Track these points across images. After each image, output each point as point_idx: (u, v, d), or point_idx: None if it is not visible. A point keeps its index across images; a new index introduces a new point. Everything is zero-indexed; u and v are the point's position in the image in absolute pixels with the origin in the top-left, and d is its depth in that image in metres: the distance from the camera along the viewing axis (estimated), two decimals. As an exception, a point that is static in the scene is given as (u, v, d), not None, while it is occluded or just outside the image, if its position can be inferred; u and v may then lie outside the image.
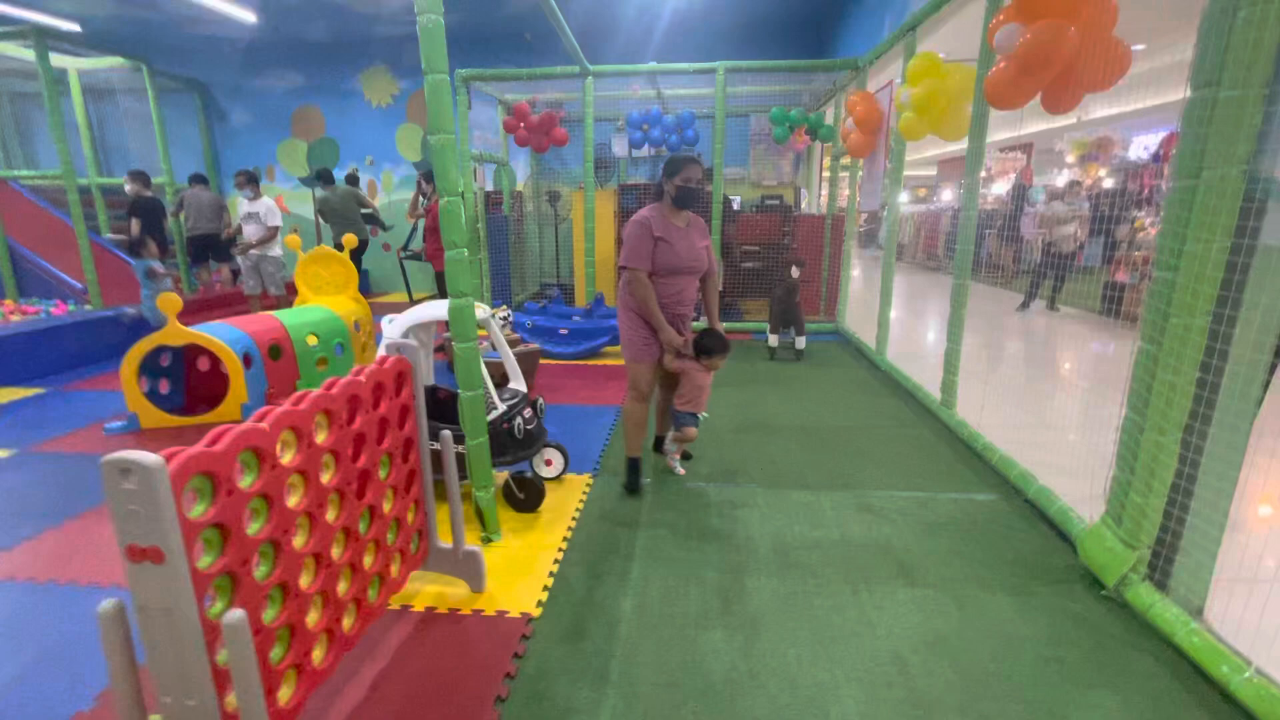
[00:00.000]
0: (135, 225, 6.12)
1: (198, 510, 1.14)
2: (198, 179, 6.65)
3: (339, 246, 6.07)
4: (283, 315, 4.17)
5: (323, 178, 6.58)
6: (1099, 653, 1.79)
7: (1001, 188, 12.36)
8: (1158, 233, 1.88)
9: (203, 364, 4.00)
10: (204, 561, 1.15)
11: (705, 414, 2.86)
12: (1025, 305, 7.18)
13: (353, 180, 7.31)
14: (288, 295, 6.07)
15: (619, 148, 7.52)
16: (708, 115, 7.04)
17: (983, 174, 10.20)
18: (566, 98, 7.40)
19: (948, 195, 13.36)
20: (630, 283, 2.57)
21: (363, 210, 6.76)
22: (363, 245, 6.52)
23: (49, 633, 1.90)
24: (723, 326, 2.82)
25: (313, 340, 4.17)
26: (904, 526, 2.47)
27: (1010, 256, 8.85)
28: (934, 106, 3.50)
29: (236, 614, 1.10)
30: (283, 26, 7.98)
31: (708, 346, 2.67)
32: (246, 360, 3.69)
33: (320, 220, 6.38)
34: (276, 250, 6.10)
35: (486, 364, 2.98)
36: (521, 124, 6.07)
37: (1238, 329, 1.69)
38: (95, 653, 1.79)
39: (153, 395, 3.74)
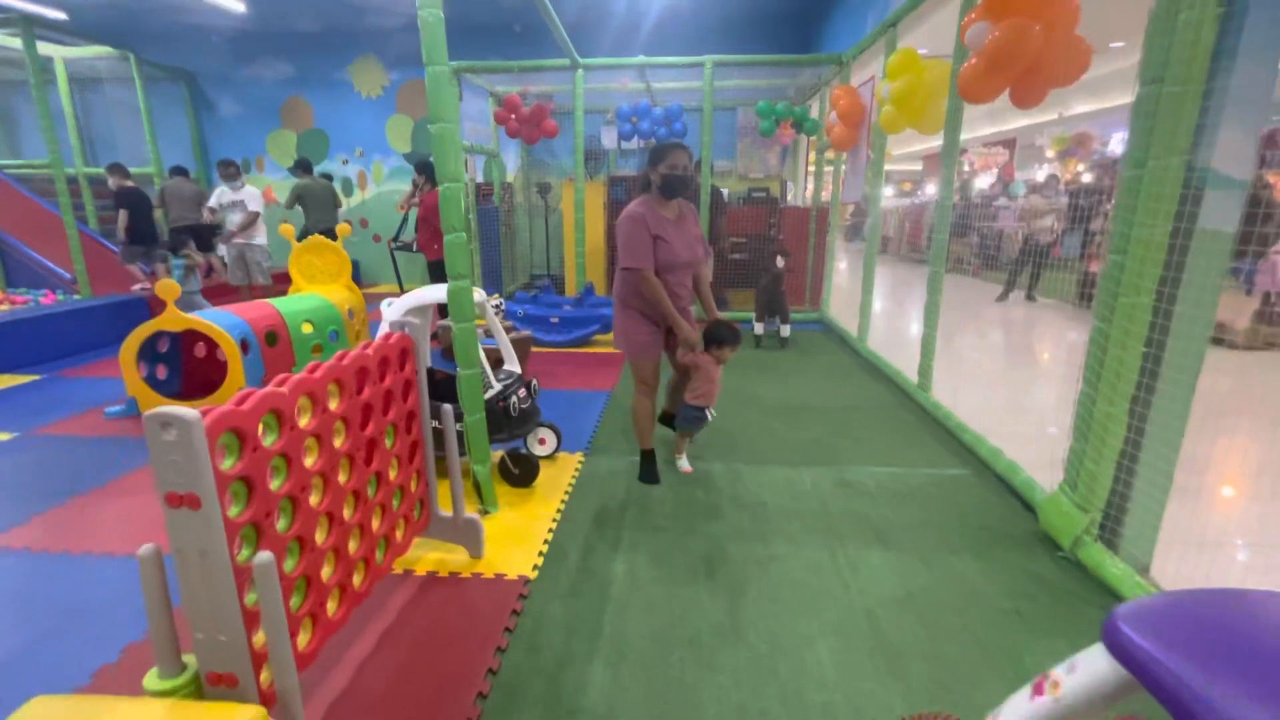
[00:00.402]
0: (123, 216, 6.14)
1: (228, 463, 1.24)
2: (178, 171, 6.66)
3: (322, 233, 6.18)
4: (279, 303, 4.23)
5: (302, 166, 6.61)
6: (1054, 606, 1.94)
7: (985, 182, 12.57)
8: (1111, 219, 2.03)
9: (200, 350, 4.07)
10: (234, 510, 1.26)
11: (714, 413, 2.80)
12: (1004, 296, 7.38)
13: (327, 178, 7.30)
14: (275, 285, 6.13)
15: (609, 140, 7.61)
16: (696, 108, 7.16)
17: (966, 168, 10.36)
18: (557, 90, 7.48)
19: (931, 189, 13.56)
20: (638, 284, 2.51)
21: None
22: (330, 237, 6.57)
23: (68, 597, 1.99)
24: (721, 317, 2.77)
25: (308, 328, 4.24)
26: (879, 498, 2.62)
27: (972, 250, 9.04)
28: (912, 101, 3.63)
29: (266, 555, 1.21)
30: (271, 16, 7.97)
31: (719, 337, 2.62)
32: (244, 346, 3.76)
33: (298, 207, 6.41)
34: (261, 238, 6.14)
35: (483, 350, 3.09)
36: (512, 116, 6.14)
37: (1179, 306, 1.84)
38: (113, 614, 1.89)
39: (151, 380, 3.80)
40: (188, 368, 4.12)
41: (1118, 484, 2.04)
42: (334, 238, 6.67)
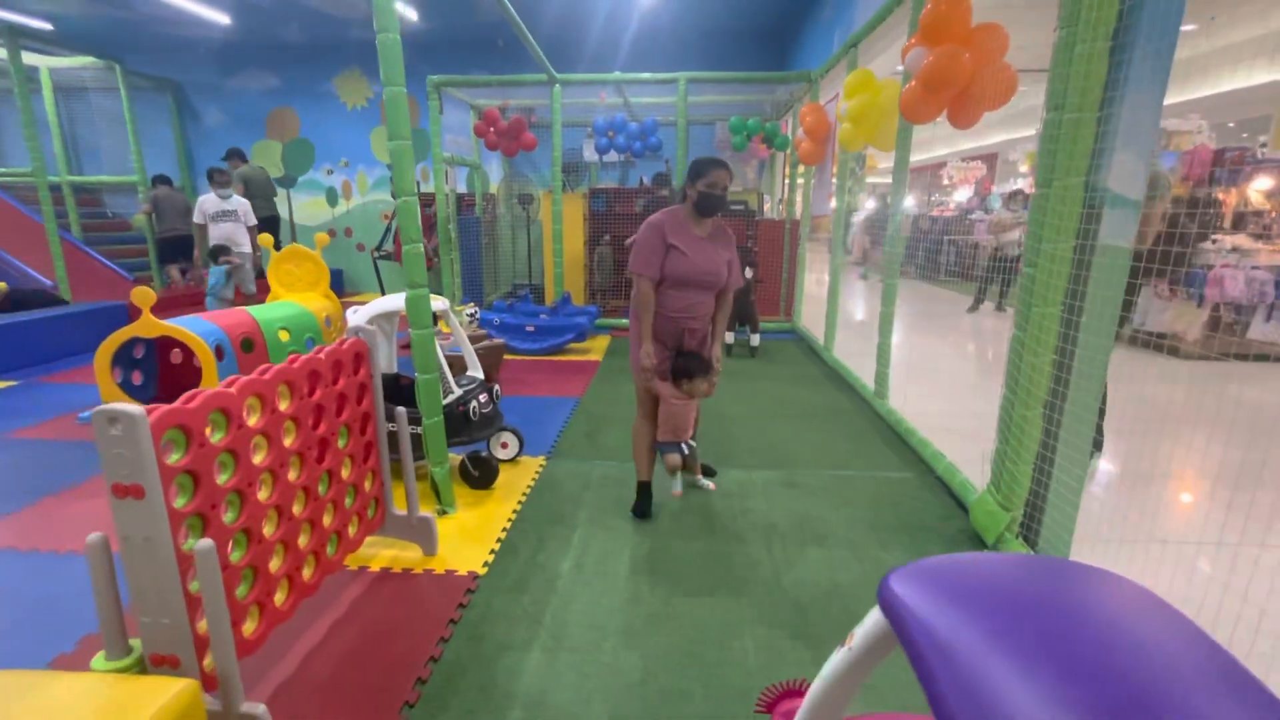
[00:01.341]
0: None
1: (174, 458, 1.34)
2: (164, 180, 6.77)
3: (262, 221, 6.32)
4: (255, 310, 4.32)
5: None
6: (974, 599, 2.05)
7: (963, 195, 12.82)
8: (1025, 234, 2.16)
9: (175, 356, 4.14)
10: (179, 501, 1.35)
11: (692, 443, 2.58)
12: (975, 306, 7.55)
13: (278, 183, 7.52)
14: (257, 295, 6.20)
15: (590, 153, 7.76)
16: (674, 122, 7.32)
17: (945, 182, 10.56)
18: (537, 103, 7.63)
19: (910, 202, 13.81)
20: (635, 289, 2.39)
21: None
22: (273, 222, 6.69)
23: (34, 592, 2.07)
24: (718, 352, 2.48)
25: (284, 336, 4.32)
26: (823, 500, 2.73)
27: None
28: (868, 119, 3.79)
29: (205, 542, 1.31)
30: (257, 28, 8.10)
31: (684, 368, 2.39)
32: (219, 353, 3.84)
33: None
34: (249, 247, 6.23)
35: (449, 358, 3.19)
36: (491, 129, 6.27)
37: (1084, 316, 1.97)
38: (76, 608, 1.96)
39: (126, 386, 3.87)
40: (164, 374, 4.19)
41: (1035, 484, 2.17)
42: (275, 224, 6.83)
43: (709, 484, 2.81)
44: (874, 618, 0.76)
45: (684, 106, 5.90)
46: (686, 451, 2.54)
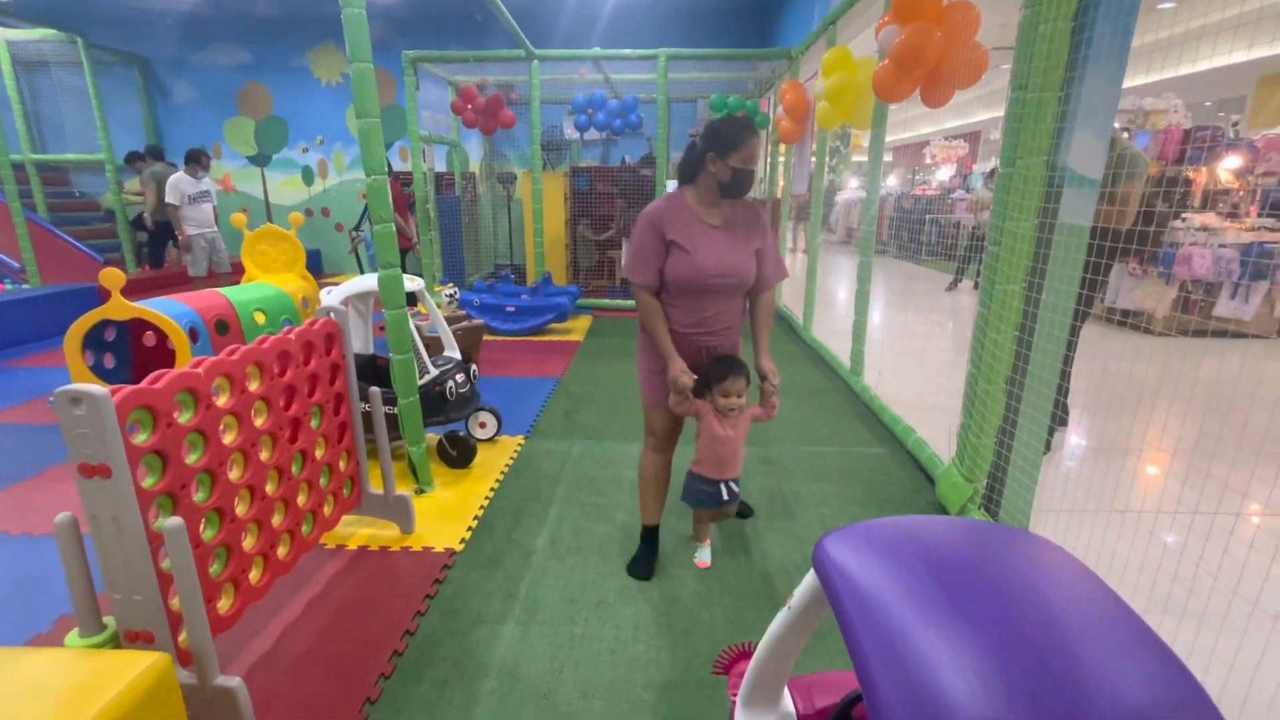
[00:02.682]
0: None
1: (141, 438, 1.35)
2: (155, 153, 6.48)
3: (163, 226, 6.12)
4: (229, 291, 4.26)
5: (153, 153, 6.49)
6: (936, 568, 2.12)
7: (946, 174, 12.86)
8: (991, 214, 2.20)
9: (148, 339, 4.09)
10: (148, 481, 1.36)
11: (735, 488, 2.02)
12: (954, 285, 7.64)
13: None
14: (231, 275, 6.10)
15: (570, 131, 7.67)
16: (655, 100, 7.25)
17: (928, 160, 10.57)
18: (516, 80, 7.51)
19: (893, 181, 13.85)
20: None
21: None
22: (165, 228, 6.45)
23: (10, 575, 2.07)
24: (771, 364, 1.94)
25: (260, 318, 4.28)
26: (796, 475, 2.79)
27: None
28: (845, 97, 3.79)
29: (174, 520, 1.32)
30: (227, 1, 7.85)
31: (714, 374, 1.90)
32: (193, 335, 3.80)
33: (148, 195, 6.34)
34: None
35: (427, 339, 3.19)
36: (469, 106, 6.18)
37: (1044, 294, 2.02)
38: (52, 590, 1.97)
39: (97, 369, 3.82)
40: (138, 357, 4.14)
41: (998, 457, 2.24)
42: (167, 229, 6.57)
43: (702, 559, 2.13)
44: (809, 578, 0.80)
45: (664, 83, 5.84)
46: (727, 496, 2.00)
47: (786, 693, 1.02)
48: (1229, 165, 5.31)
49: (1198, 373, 4.16)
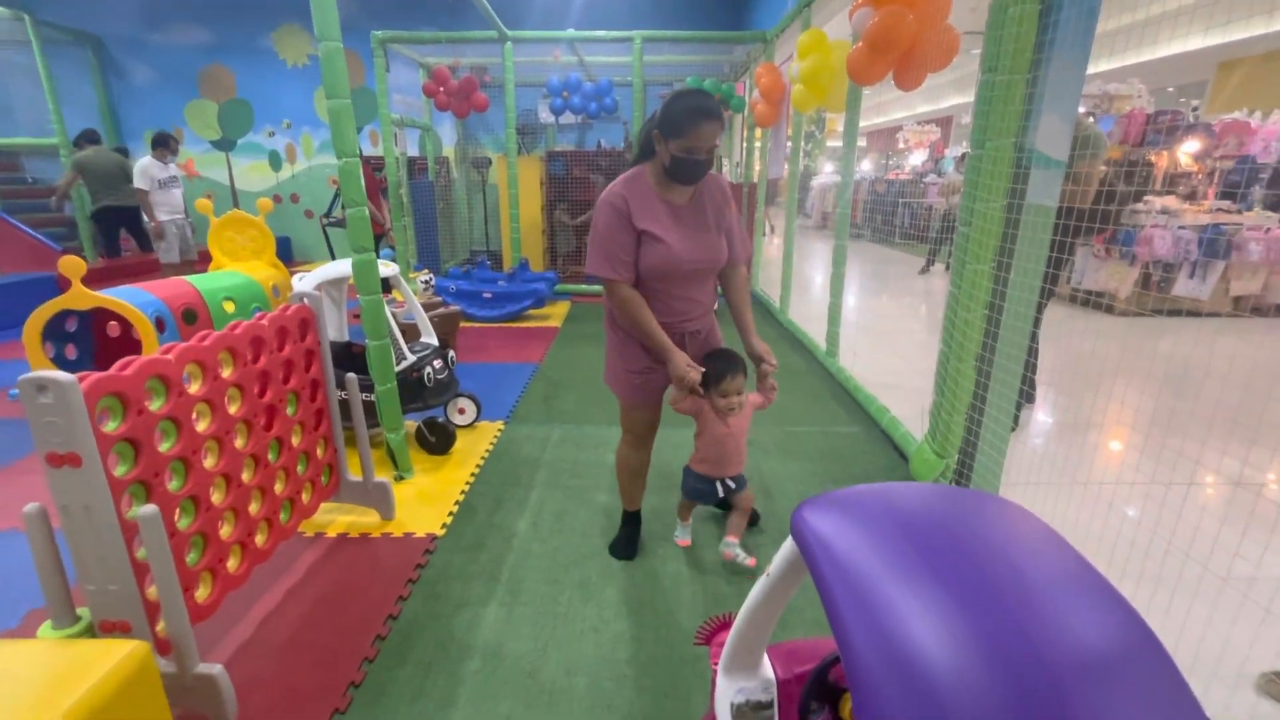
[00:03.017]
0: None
1: (111, 426, 1.32)
2: (90, 137, 6.18)
3: (101, 212, 5.95)
4: (196, 280, 4.15)
5: (87, 137, 6.24)
6: (909, 541, 2.19)
7: (919, 158, 13.00)
8: (962, 195, 2.24)
9: (112, 329, 3.98)
10: (120, 470, 1.34)
11: (733, 484, 1.96)
12: (927, 268, 7.77)
13: (122, 153, 6.84)
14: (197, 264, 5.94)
15: (545, 114, 7.58)
16: (630, 83, 7.20)
17: (901, 145, 10.68)
18: (490, 62, 7.38)
19: (867, 165, 13.97)
20: (611, 297, 1.76)
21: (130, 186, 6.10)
22: (133, 213, 6.18)
23: (-30, 570, 2.02)
24: (763, 345, 1.85)
25: (230, 306, 4.18)
26: (774, 455, 2.84)
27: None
28: (819, 80, 3.80)
29: (149, 508, 1.30)
30: (184, -22, 7.56)
31: (712, 373, 1.79)
32: (159, 324, 3.70)
33: (77, 180, 6.09)
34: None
35: (404, 326, 3.15)
36: (441, 89, 6.06)
37: (1012, 273, 2.07)
38: (18, 585, 1.93)
39: (59, 361, 3.71)
40: (102, 348, 4.02)
41: (968, 432, 2.30)
42: (124, 215, 6.37)
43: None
44: (787, 545, 0.83)
45: (639, 66, 5.80)
46: (723, 493, 1.94)
47: (766, 659, 1.05)
48: (1189, 149, 5.47)
49: (1156, 348, 4.31)
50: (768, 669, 1.04)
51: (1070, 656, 0.55)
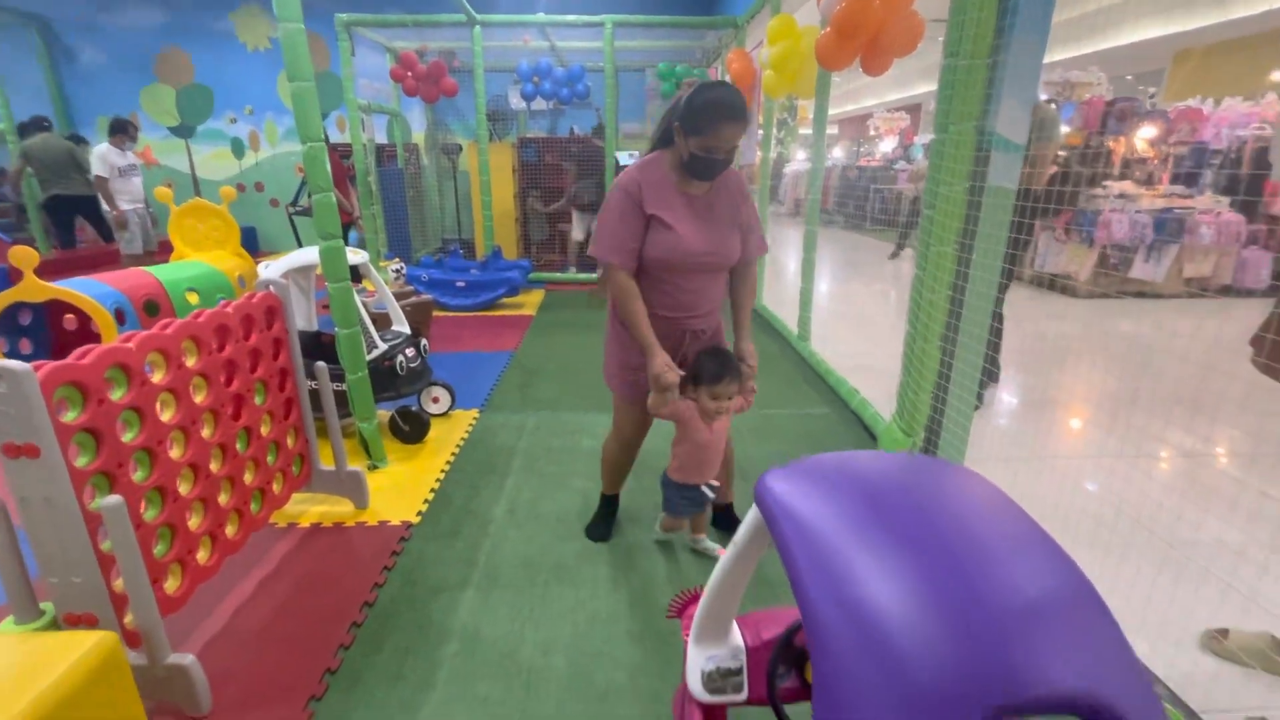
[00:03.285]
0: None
1: (70, 416, 1.29)
2: (39, 124, 5.93)
3: (51, 201, 5.77)
4: (157, 270, 4.04)
5: (35, 124, 6.02)
6: (878, 517, 2.25)
7: (889, 145, 13.14)
8: (927, 178, 2.29)
9: (69, 323, 3.85)
10: (81, 461, 1.31)
11: (711, 490, 1.87)
12: (896, 253, 7.89)
13: (76, 141, 6.60)
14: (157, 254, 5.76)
15: (516, 100, 7.49)
16: (602, 69, 7.14)
17: (872, 132, 10.77)
18: (459, 46, 7.25)
19: (838, 152, 14.09)
20: (609, 283, 1.72)
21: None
22: (89, 202, 5.98)
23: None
24: (751, 347, 1.80)
25: (193, 298, 4.07)
26: (747, 437, 2.88)
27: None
28: (789, 66, 3.82)
29: (113, 498, 1.28)
30: (135, -43, 7.27)
31: (706, 372, 1.69)
32: (119, 316, 3.59)
33: (26, 169, 5.88)
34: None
35: (374, 315, 3.11)
36: (409, 73, 5.95)
37: (975, 254, 2.13)
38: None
39: (13, 355, 3.58)
40: (58, 342, 3.89)
41: (934, 411, 2.36)
42: (78, 204, 6.15)
43: (716, 547, 2.02)
44: (751, 513, 0.85)
45: (611, 51, 5.75)
46: (711, 495, 1.88)
47: (735, 628, 1.08)
48: (1145, 135, 5.63)
49: (1115, 329, 4.46)
50: (737, 637, 1.07)
51: (1013, 604, 0.58)
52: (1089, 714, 0.54)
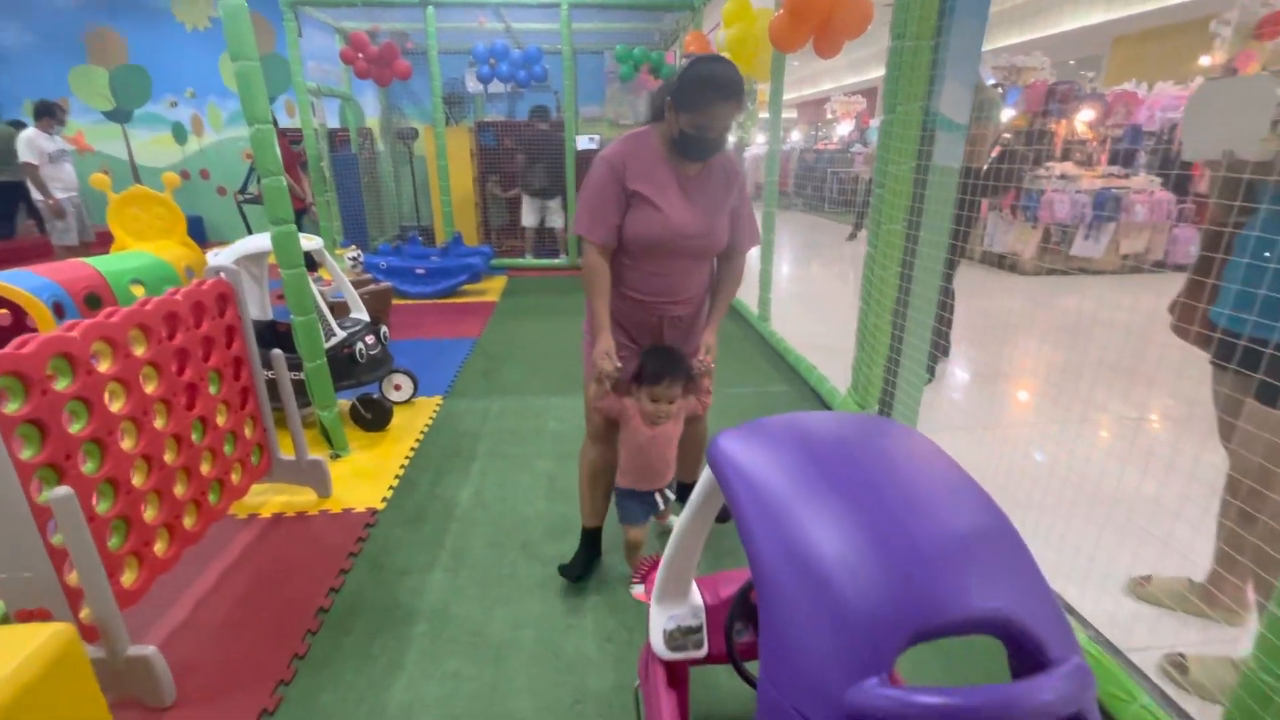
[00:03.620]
0: None
1: (11, 407, 1.25)
2: None
3: None
4: (98, 262, 3.86)
5: None
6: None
7: (846, 129, 13.33)
8: (876, 158, 2.36)
9: (3, 318, 3.67)
10: (26, 453, 1.28)
11: (669, 494, 1.73)
12: (854, 235, 8.06)
13: (19, 126, 6.23)
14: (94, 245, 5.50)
15: (472, 83, 7.34)
16: (560, 51, 7.05)
17: (829, 115, 10.86)
18: (412, 28, 7.06)
19: (796, 136, 14.24)
20: (581, 256, 1.62)
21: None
22: (11, 189, 5.79)
23: None
24: (712, 340, 1.67)
25: (139, 290, 3.91)
26: (710, 416, 2.92)
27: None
28: (745, 48, 3.86)
29: (62, 490, 1.25)
30: (58, -71, 6.84)
31: (646, 370, 1.56)
32: (58, 310, 3.44)
33: None
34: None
35: (332, 304, 3.05)
36: (360, 55, 5.78)
37: (922, 231, 2.21)
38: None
39: (-56, 353, 3.40)
40: (-9, 338, 3.70)
41: (886, 383, 2.46)
42: (13, 192, 5.82)
43: (639, 592, 1.66)
44: (705, 473, 0.89)
45: (568, 33, 5.69)
46: (662, 505, 1.72)
47: (695, 589, 1.13)
48: (1084, 118, 5.87)
49: (1059, 304, 4.67)
50: (697, 597, 1.12)
51: (937, 541, 0.64)
52: (1003, 632, 0.60)
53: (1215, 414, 1.51)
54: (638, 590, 1.57)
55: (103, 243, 5.31)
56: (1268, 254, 1.26)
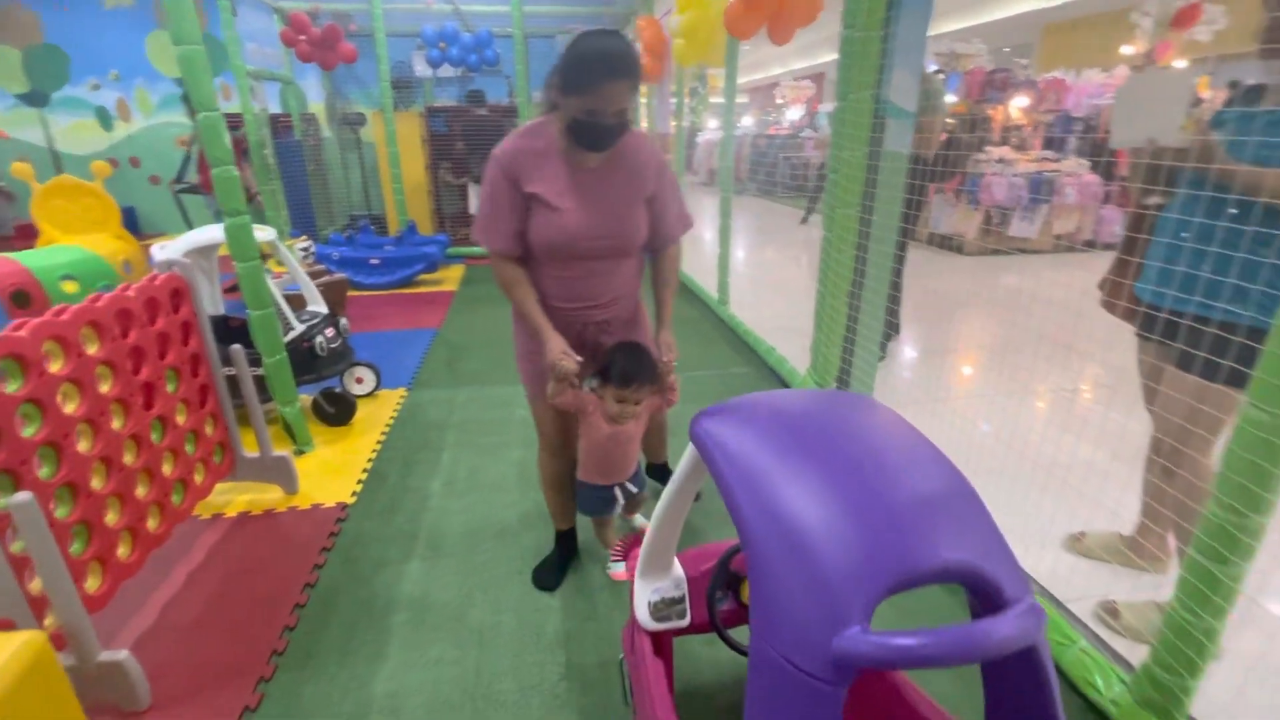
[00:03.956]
0: None
1: (-38, 411, 1.20)
2: None
3: None
4: (24, 257, 3.64)
5: None
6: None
7: (795, 114, 13.52)
8: (830, 145, 2.44)
9: (-80, 319, 3.42)
10: (-22, 459, 1.23)
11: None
12: (806, 218, 8.24)
13: None
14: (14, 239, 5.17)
15: (422, 67, 7.13)
16: (511, 34, 6.92)
17: (779, 101, 10.99)
18: (355, 9, 6.80)
19: (748, 121, 14.38)
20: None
21: None
22: None
23: None
24: (669, 338, 1.60)
25: (71, 287, 3.71)
26: (677, 398, 3.00)
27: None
28: (699, 34, 3.88)
29: (21, 495, 1.21)
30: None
31: (615, 371, 1.50)
32: (-17, 309, 3.24)
33: None
34: None
35: (288, 296, 2.97)
36: (302, 37, 5.54)
37: (875, 215, 2.31)
38: None
39: None
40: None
41: (843, 361, 2.56)
42: None
43: (618, 569, 1.77)
44: (689, 450, 0.94)
45: (519, 15, 5.60)
46: (623, 498, 1.69)
47: (677, 562, 1.19)
48: (1019, 104, 6.14)
49: (1000, 282, 4.91)
50: (679, 569, 1.18)
51: (907, 502, 0.70)
52: (969, 580, 0.67)
53: (1140, 381, 1.65)
54: (617, 570, 1.64)
55: (23, 237, 4.99)
56: (1185, 234, 1.39)
